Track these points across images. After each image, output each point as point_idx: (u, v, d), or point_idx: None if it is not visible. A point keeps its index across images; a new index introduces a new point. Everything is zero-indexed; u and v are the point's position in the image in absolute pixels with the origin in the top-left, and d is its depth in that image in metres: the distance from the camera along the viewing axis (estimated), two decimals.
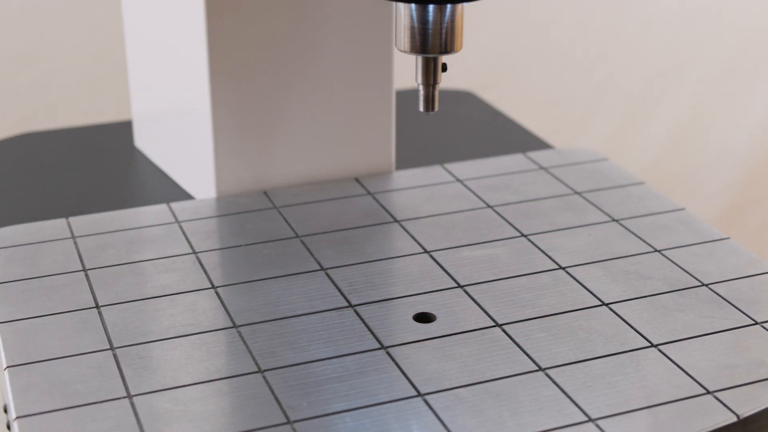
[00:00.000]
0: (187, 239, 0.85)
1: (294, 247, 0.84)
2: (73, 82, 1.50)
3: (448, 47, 0.72)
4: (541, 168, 0.98)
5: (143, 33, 0.99)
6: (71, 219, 0.88)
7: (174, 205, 0.91)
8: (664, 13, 1.78)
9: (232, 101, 0.90)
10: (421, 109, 0.75)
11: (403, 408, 0.65)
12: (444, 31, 0.71)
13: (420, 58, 0.74)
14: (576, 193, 0.93)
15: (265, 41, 0.90)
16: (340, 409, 0.65)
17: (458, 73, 1.27)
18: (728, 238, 0.85)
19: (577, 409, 0.65)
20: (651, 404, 0.66)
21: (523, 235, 0.86)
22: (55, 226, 0.87)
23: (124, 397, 0.66)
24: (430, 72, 0.74)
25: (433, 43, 0.72)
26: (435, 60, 0.74)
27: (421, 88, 0.74)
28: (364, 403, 0.66)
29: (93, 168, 1.03)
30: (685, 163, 1.84)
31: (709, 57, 1.81)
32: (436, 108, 0.75)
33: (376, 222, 0.88)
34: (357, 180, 0.96)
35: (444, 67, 0.74)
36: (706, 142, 1.85)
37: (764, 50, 1.84)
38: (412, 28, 0.72)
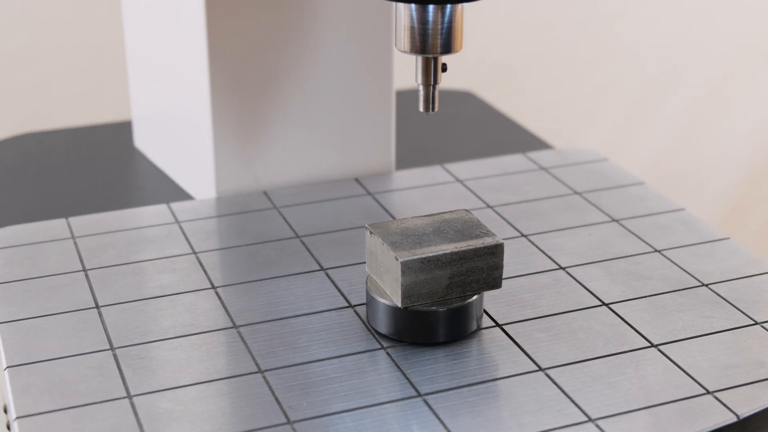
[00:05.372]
0: (187, 239, 0.85)
1: (294, 247, 0.84)
2: (73, 82, 1.50)
3: (448, 47, 0.72)
4: (542, 168, 0.98)
5: (143, 34, 0.99)
6: (71, 219, 0.88)
7: (174, 205, 0.91)
8: (664, 14, 1.78)
9: (231, 101, 0.90)
10: (421, 109, 0.75)
11: (403, 408, 0.65)
12: (444, 31, 0.71)
13: (420, 59, 0.74)
14: (576, 193, 0.93)
15: (265, 41, 0.90)
16: (339, 409, 0.65)
17: (458, 73, 1.27)
18: (728, 238, 0.85)
19: (577, 409, 0.65)
20: (651, 404, 0.66)
21: (523, 235, 0.86)
22: (55, 226, 0.87)
23: (124, 397, 0.66)
24: (430, 72, 0.74)
25: (432, 43, 0.72)
26: (435, 60, 0.74)
27: (421, 88, 0.74)
28: (364, 403, 0.66)
29: (93, 168, 1.03)
30: (685, 164, 1.84)
31: (709, 57, 1.81)
32: (436, 108, 0.75)
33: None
34: (357, 180, 0.96)
35: (444, 68, 0.74)
36: (706, 142, 1.85)
37: (764, 51, 1.84)
38: (411, 28, 0.72)
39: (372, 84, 0.95)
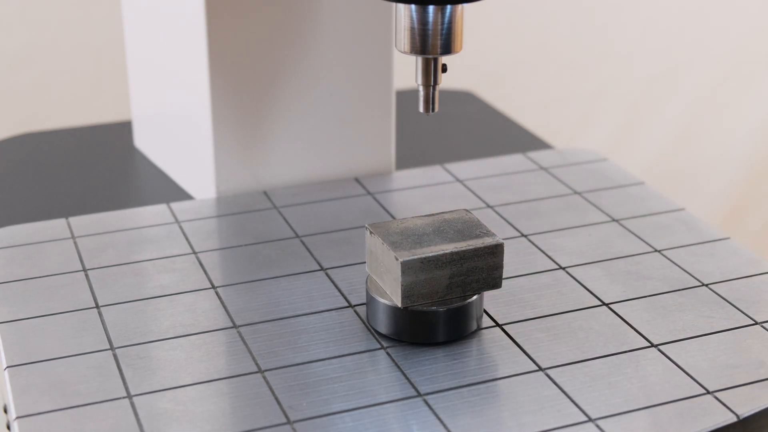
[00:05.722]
0: (187, 239, 0.85)
1: (294, 247, 0.84)
2: (73, 82, 1.50)
3: (448, 48, 0.72)
4: (541, 168, 0.98)
5: (143, 33, 0.99)
6: (71, 219, 0.88)
7: (174, 205, 0.91)
8: (664, 13, 1.78)
9: (231, 101, 0.90)
10: (421, 110, 0.75)
11: (403, 408, 0.65)
12: (444, 31, 0.71)
13: (420, 59, 0.73)
14: (576, 193, 0.93)
15: (265, 41, 0.90)
16: (339, 409, 0.65)
17: (458, 73, 1.27)
18: (728, 238, 0.85)
19: (577, 409, 0.65)
20: (651, 404, 0.66)
21: (523, 235, 0.86)
22: (55, 226, 0.87)
23: (124, 397, 0.66)
24: (430, 73, 0.74)
25: (432, 44, 0.72)
26: (435, 61, 0.73)
27: (421, 89, 0.74)
28: (364, 403, 0.66)
29: (93, 168, 1.03)
30: (685, 164, 1.84)
31: (709, 57, 1.81)
32: (436, 109, 0.75)
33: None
34: (357, 180, 0.96)
35: (444, 68, 0.74)
36: (706, 142, 1.85)
37: (765, 51, 1.84)
38: (411, 29, 0.71)
39: (372, 84, 0.95)
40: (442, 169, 0.98)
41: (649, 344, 0.72)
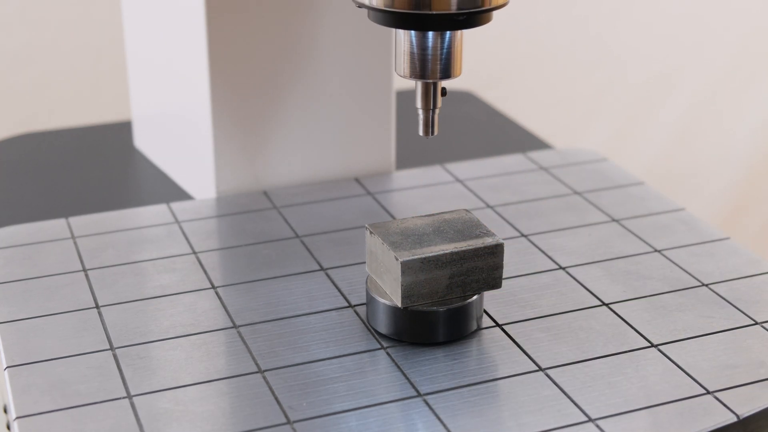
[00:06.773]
0: (187, 239, 0.85)
1: (294, 247, 0.84)
2: (73, 82, 1.50)
3: (447, 73, 0.72)
4: (541, 168, 0.98)
5: (143, 33, 0.99)
6: (71, 219, 0.88)
7: (174, 205, 0.91)
8: (664, 14, 1.78)
9: (231, 101, 0.90)
10: (421, 133, 0.75)
11: (403, 408, 0.65)
12: (443, 56, 0.71)
13: (419, 83, 0.73)
14: (576, 193, 0.93)
15: (265, 41, 0.90)
16: (340, 409, 0.65)
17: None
18: (728, 238, 0.85)
19: (577, 409, 0.65)
20: (651, 404, 0.66)
21: (523, 235, 0.86)
22: (55, 226, 0.87)
23: (124, 397, 0.66)
24: (430, 97, 0.74)
25: (432, 68, 0.72)
26: (434, 85, 0.73)
27: (420, 112, 0.74)
28: (365, 404, 0.66)
29: (93, 168, 1.03)
30: (685, 164, 1.84)
31: (709, 58, 1.81)
32: (436, 132, 0.75)
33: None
34: (357, 180, 0.96)
35: (443, 92, 0.74)
36: (706, 142, 1.85)
37: (765, 51, 1.84)
38: (411, 53, 0.71)
39: (372, 84, 0.95)
40: (442, 169, 0.98)
41: (649, 344, 0.72)
